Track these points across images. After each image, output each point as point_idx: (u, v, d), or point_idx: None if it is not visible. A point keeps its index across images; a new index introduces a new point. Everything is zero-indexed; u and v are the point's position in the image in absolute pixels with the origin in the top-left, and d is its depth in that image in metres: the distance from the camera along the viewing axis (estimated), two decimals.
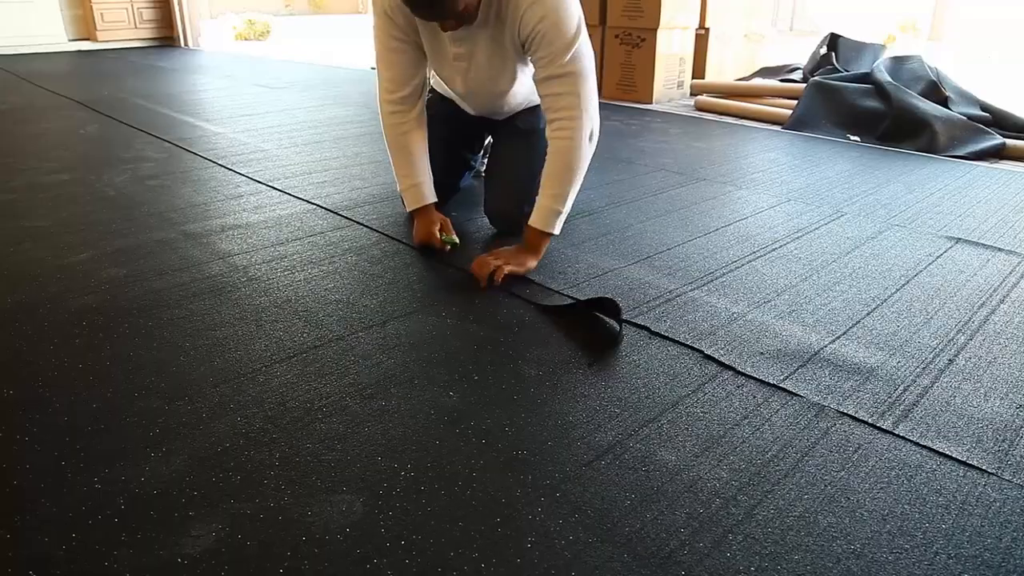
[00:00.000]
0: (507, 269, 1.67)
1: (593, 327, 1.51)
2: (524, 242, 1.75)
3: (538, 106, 2.00)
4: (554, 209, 1.70)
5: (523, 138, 1.98)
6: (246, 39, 10.01)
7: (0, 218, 2.22)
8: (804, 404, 1.23)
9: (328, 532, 0.94)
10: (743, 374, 1.32)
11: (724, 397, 1.25)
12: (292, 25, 13.16)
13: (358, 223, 2.09)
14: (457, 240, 1.85)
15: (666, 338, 1.45)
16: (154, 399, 1.23)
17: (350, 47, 8.84)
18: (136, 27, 8.55)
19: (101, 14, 8.29)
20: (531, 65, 1.75)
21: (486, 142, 2.34)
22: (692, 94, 4.53)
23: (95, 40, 8.34)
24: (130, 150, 3.12)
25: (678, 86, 4.51)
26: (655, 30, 4.22)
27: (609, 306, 1.51)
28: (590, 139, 1.67)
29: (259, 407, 1.20)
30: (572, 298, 1.61)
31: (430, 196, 1.86)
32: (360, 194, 2.37)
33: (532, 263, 1.73)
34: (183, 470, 1.06)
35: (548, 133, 1.69)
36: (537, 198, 1.72)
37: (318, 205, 2.26)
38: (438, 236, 1.83)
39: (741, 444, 1.12)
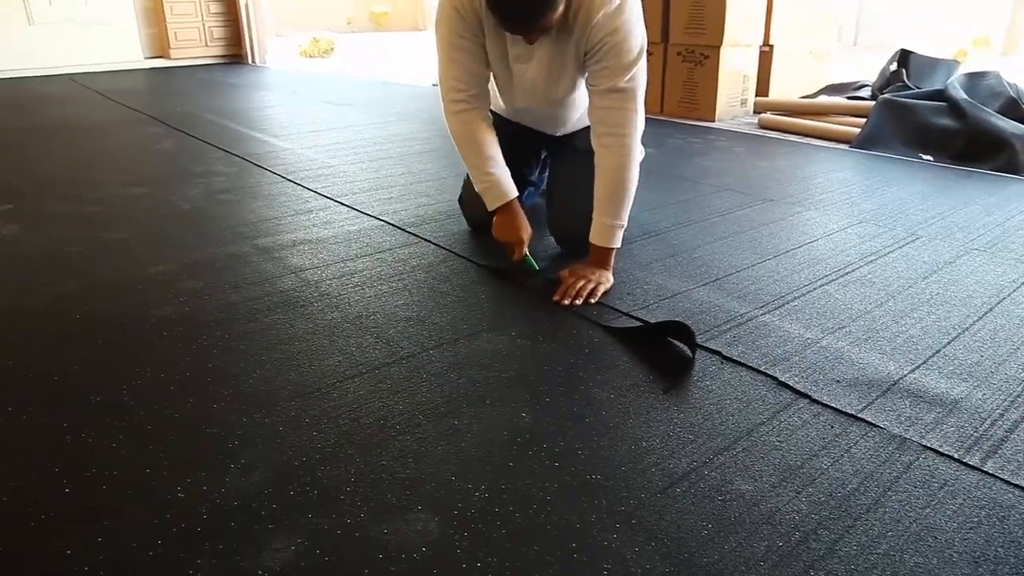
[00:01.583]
0: (600, 292, 1.71)
1: (663, 350, 1.49)
2: (592, 257, 1.77)
3: None
4: (614, 225, 1.73)
5: (583, 157, 1.98)
6: (311, 56, 10.25)
7: (84, 229, 2.31)
8: (885, 436, 1.19)
9: (404, 551, 0.94)
10: (819, 403, 1.29)
11: (800, 426, 1.23)
12: (354, 42, 13.43)
13: (425, 240, 2.12)
14: (538, 267, 1.84)
15: (738, 363, 1.43)
16: (232, 411, 1.26)
17: (410, 64, 8.98)
18: (207, 45, 8.84)
19: (175, 33, 8.59)
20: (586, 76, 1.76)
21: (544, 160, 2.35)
22: (756, 112, 4.47)
23: (168, 58, 8.65)
24: (202, 164, 3.22)
25: (741, 104, 4.46)
26: (718, 47, 4.18)
27: (681, 330, 1.49)
28: (639, 154, 1.71)
29: (333, 422, 1.22)
30: (641, 320, 1.60)
31: (511, 191, 1.82)
32: (426, 211, 2.40)
33: (609, 275, 1.77)
34: (262, 483, 1.08)
35: (596, 146, 1.71)
36: (595, 215, 1.74)
37: (385, 221, 2.29)
38: (524, 243, 1.81)
39: (820, 476, 1.10)
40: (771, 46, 4.59)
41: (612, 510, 1.02)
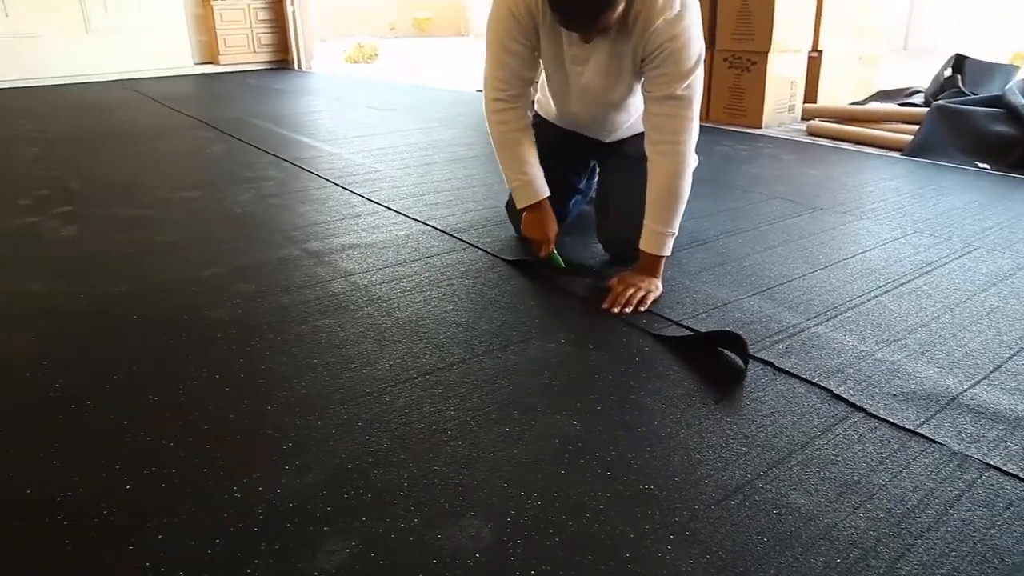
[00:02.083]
0: (649, 300, 1.71)
1: (714, 360, 1.48)
2: (641, 264, 1.77)
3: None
4: (664, 232, 1.72)
5: (633, 164, 1.97)
6: (355, 62, 10.37)
7: (139, 232, 2.37)
8: (945, 452, 1.17)
9: (458, 556, 0.95)
10: (876, 416, 1.27)
11: (856, 440, 1.20)
12: (397, 47, 13.56)
13: (473, 245, 2.13)
14: (564, 264, 1.86)
15: (791, 375, 1.41)
16: (286, 413, 1.28)
17: (453, 69, 9.04)
18: (255, 51, 9.00)
19: (224, 39, 8.77)
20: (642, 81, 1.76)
21: (594, 167, 2.34)
22: (804, 118, 4.41)
23: (218, 63, 8.83)
24: (252, 169, 3.28)
25: (789, 110, 4.40)
26: (766, 53, 4.14)
27: (733, 340, 1.47)
28: (693, 162, 1.70)
29: (386, 427, 1.23)
30: (691, 330, 1.58)
31: (543, 191, 1.87)
32: (473, 216, 2.41)
33: (659, 282, 1.77)
34: (316, 485, 1.09)
35: (650, 153, 1.71)
36: (645, 222, 1.74)
37: (433, 227, 2.31)
38: (551, 241, 1.85)
39: (878, 491, 1.07)
40: (820, 51, 4.53)
41: (666, 521, 1.01)
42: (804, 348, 1.51)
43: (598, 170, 2.22)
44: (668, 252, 1.75)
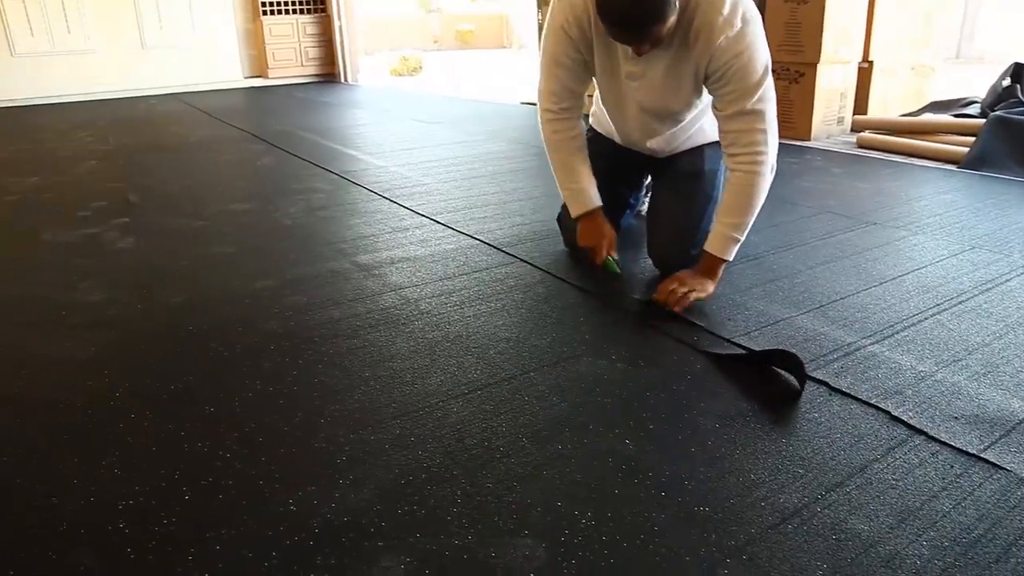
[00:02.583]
0: (692, 296, 1.72)
1: (767, 379, 1.45)
2: (701, 265, 1.77)
3: (703, 147, 1.98)
4: (732, 236, 1.72)
5: (688, 180, 1.96)
6: (400, 74, 10.49)
7: (195, 244, 2.42)
8: (1012, 479, 1.13)
9: (512, 575, 0.94)
10: (937, 440, 1.24)
11: (917, 464, 1.17)
12: (441, 60, 13.69)
13: (521, 260, 2.13)
14: (619, 270, 1.86)
15: (848, 395, 1.38)
16: (339, 427, 1.29)
17: (497, 82, 9.08)
18: (302, 65, 9.18)
19: (273, 53, 8.96)
20: (705, 95, 1.74)
21: (646, 182, 2.33)
22: (854, 130, 4.34)
23: (266, 77, 9.02)
24: (301, 181, 3.33)
25: (838, 122, 4.33)
26: (815, 65, 4.08)
27: (788, 359, 1.45)
28: (771, 171, 1.69)
29: (438, 442, 1.24)
30: (744, 348, 1.56)
31: (595, 199, 1.88)
32: (521, 230, 2.42)
33: (711, 287, 1.76)
34: (370, 500, 1.10)
35: (729, 163, 1.71)
36: (714, 224, 1.74)
37: (481, 240, 2.32)
38: (604, 251, 1.86)
39: (941, 519, 1.04)
40: (870, 62, 4.45)
41: (722, 544, 1.00)
42: (860, 368, 1.48)
43: (650, 184, 2.21)
44: (730, 257, 1.75)
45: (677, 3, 1.49)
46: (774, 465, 1.17)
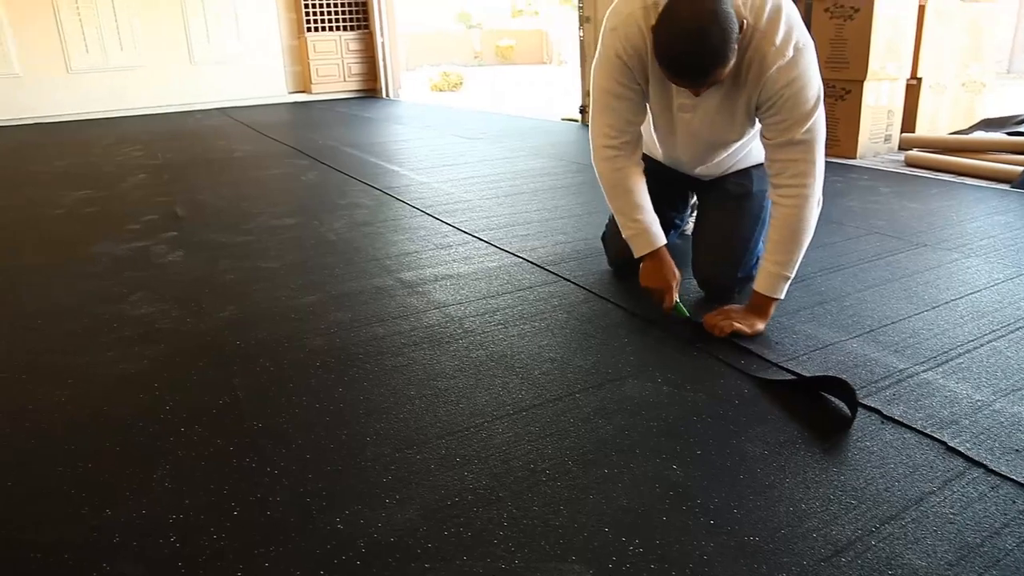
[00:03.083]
0: (735, 326, 1.68)
1: (817, 405, 1.43)
2: (750, 304, 1.74)
3: (750, 169, 1.96)
4: (781, 275, 1.68)
5: (735, 201, 1.94)
6: (441, 90, 10.60)
7: (241, 259, 2.46)
8: None
9: None
10: (997, 473, 1.20)
11: (976, 499, 1.14)
12: (481, 75, 13.79)
13: (565, 279, 2.13)
14: (688, 314, 1.79)
15: (901, 424, 1.34)
16: (385, 445, 1.30)
17: (537, 98, 9.12)
18: (345, 80, 9.33)
19: (317, 69, 9.13)
20: (757, 124, 1.72)
21: (691, 202, 2.32)
22: (901, 149, 4.27)
23: (309, 92, 9.18)
24: (345, 197, 3.37)
25: (885, 140, 4.26)
26: (861, 82, 4.03)
27: (839, 386, 1.42)
28: (817, 204, 1.65)
29: (484, 463, 1.23)
30: (793, 373, 1.54)
31: (660, 238, 1.81)
32: (564, 248, 2.42)
33: (760, 325, 1.72)
34: (416, 520, 1.10)
35: (774, 196, 1.67)
36: (761, 263, 1.70)
37: (524, 259, 2.33)
38: (673, 294, 1.78)
39: (1004, 557, 1.01)
40: (919, 78, 4.38)
41: None
42: (913, 395, 1.44)
43: (697, 205, 2.19)
44: (781, 296, 1.71)
45: (736, 44, 1.46)
46: (825, 495, 1.15)
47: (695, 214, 2.43)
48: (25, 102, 7.81)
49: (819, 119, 1.58)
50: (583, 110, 5.71)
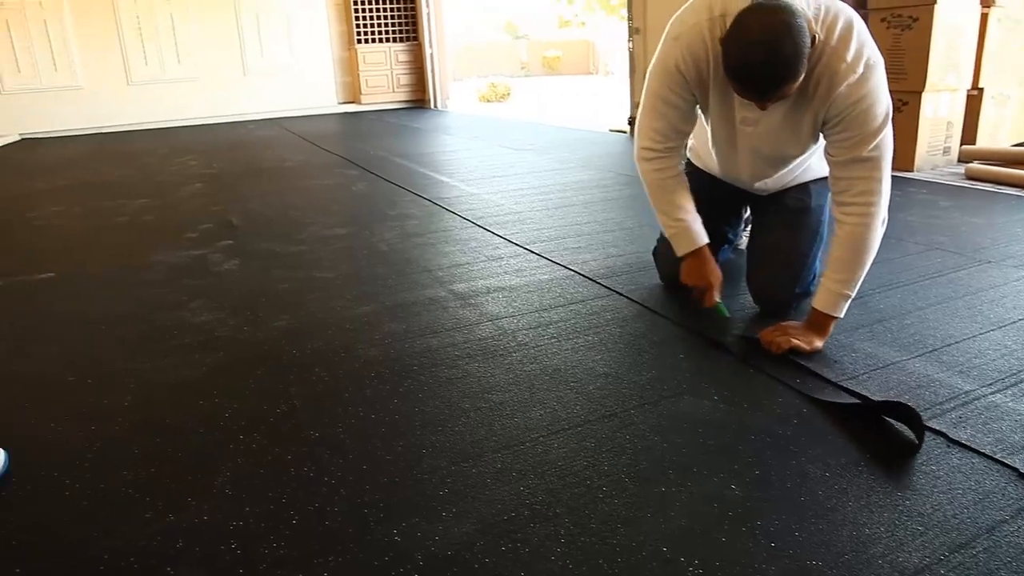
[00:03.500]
0: (793, 343, 1.65)
1: (878, 427, 1.39)
2: (809, 321, 1.71)
3: (808, 183, 1.93)
4: (842, 293, 1.65)
5: (793, 216, 1.91)
6: (489, 101, 10.66)
7: (295, 268, 2.50)
8: None
9: None
10: None
11: None
12: (528, 86, 13.84)
13: (618, 293, 2.12)
14: (729, 314, 1.81)
15: (968, 448, 1.31)
16: (441, 458, 1.31)
17: (585, 108, 9.11)
18: (394, 91, 9.45)
19: (366, 80, 9.26)
20: (819, 140, 1.69)
21: (745, 215, 2.29)
22: (961, 161, 4.16)
23: (359, 103, 9.31)
24: (396, 207, 3.41)
25: (944, 152, 4.16)
26: (920, 93, 3.94)
27: (903, 412, 1.38)
28: (882, 223, 1.61)
29: (540, 478, 1.23)
30: (853, 393, 1.50)
31: (702, 237, 1.82)
32: (616, 262, 2.41)
33: (819, 343, 1.69)
34: (473, 534, 1.10)
35: (837, 214, 1.64)
36: (822, 279, 1.67)
37: (576, 271, 2.32)
38: (715, 292, 1.79)
39: None
40: (980, 89, 4.27)
41: None
42: (981, 419, 1.40)
43: (751, 219, 2.16)
44: (841, 314, 1.68)
45: (807, 59, 1.44)
46: (891, 520, 1.12)
47: (748, 228, 2.41)
48: (88, 113, 8.08)
49: (887, 137, 1.55)
50: (632, 122, 5.69)
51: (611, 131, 6.18)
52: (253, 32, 8.62)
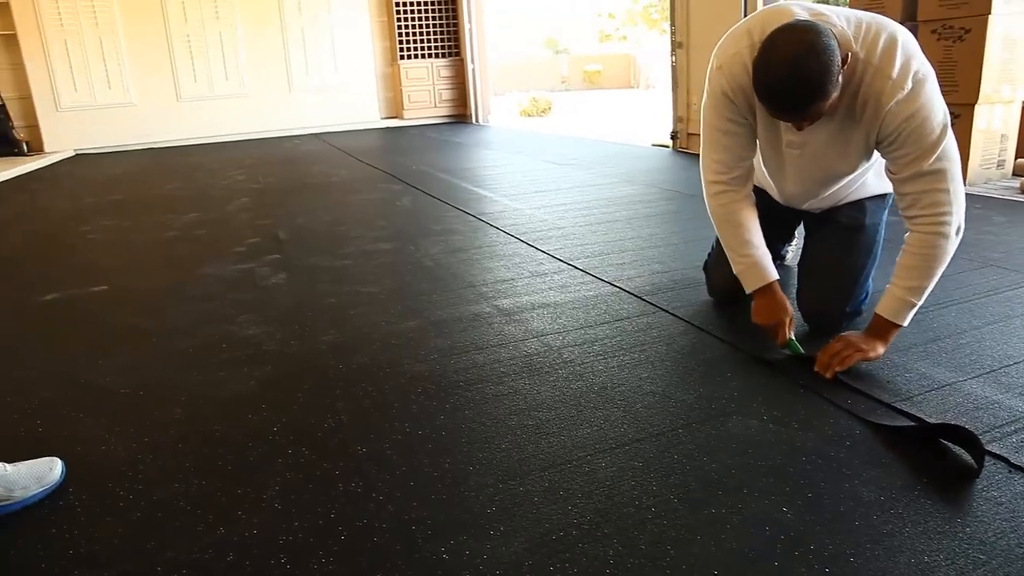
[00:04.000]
0: (857, 356, 1.62)
1: (936, 451, 1.36)
2: (870, 329, 1.67)
3: (863, 200, 1.89)
4: (908, 301, 1.61)
5: (846, 234, 1.88)
6: (530, 115, 10.70)
7: (341, 283, 2.53)
8: None
9: None
10: None
11: None
12: (569, 100, 13.87)
13: (663, 310, 2.10)
14: (803, 351, 1.73)
15: None
16: (488, 475, 1.31)
17: (626, 122, 9.09)
18: (435, 106, 9.54)
19: (408, 95, 9.38)
20: (872, 158, 1.66)
21: (797, 230, 2.26)
22: (1016, 175, 4.05)
23: (401, 118, 9.43)
24: (439, 222, 3.43)
25: (998, 166, 4.06)
26: (972, 105, 3.85)
27: (961, 435, 1.34)
28: (957, 233, 1.57)
29: (588, 498, 1.22)
30: (911, 416, 1.46)
31: (771, 272, 1.77)
32: (661, 278, 2.39)
33: (881, 349, 1.66)
34: (522, 554, 1.10)
35: (911, 225, 1.60)
36: (889, 286, 1.63)
37: (621, 288, 2.31)
38: (786, 329, 1.74)
39: None
40: None
41: None
42: None
43: (805, 235, 2.12)
44: (905, 323, 1.64)
45: (840, 77, 1.42)
46: (950, 548, 1.09)
47: (796, 243, 2.37)
48: (139, 128, 8.31)
49: (948, 146, 1.51)
50: (674, 136, 5.67)
51: (653, 145, 6.16)
52: (299, 49, 8.79)
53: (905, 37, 1.50)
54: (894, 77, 1.46)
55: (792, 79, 1.39)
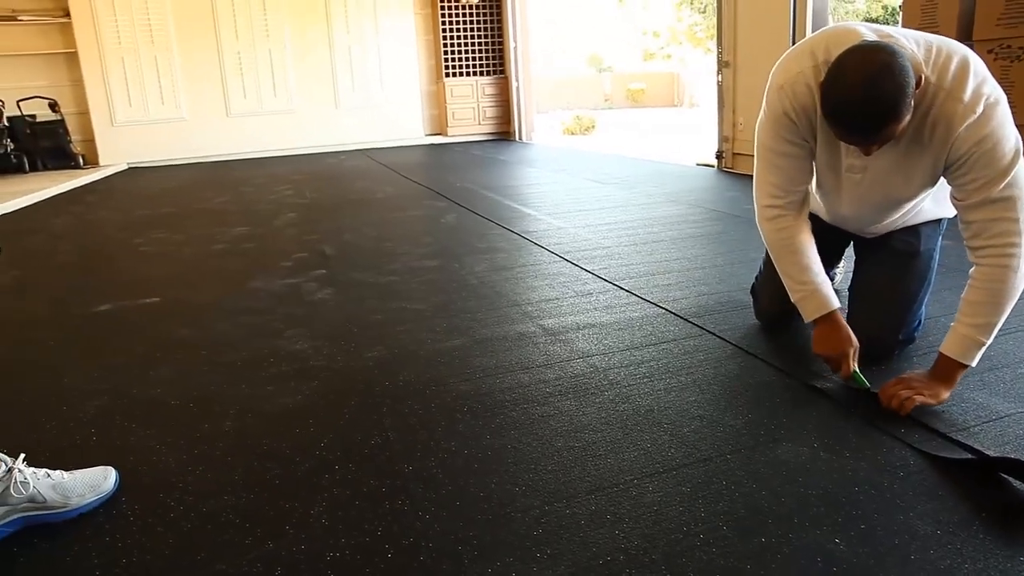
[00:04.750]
0: (918, 400, 1.55)
1: (995, 485, 1.32)
2: (935, 369, 1.60)
3: (919, 226, 1.85)
4: (977, 340, 1.53)
5: (900, 260, 1.84)
6: (573, 133, 10.73)
7: (386, 299, 2.56)
8: None
9: None
10: None
11: None
12: (612, 118, 13.87)
13: (710, 332, 2.08)
14: (868, 384, 1.66)
15: None
16: (534, 497, 1.30)
17: (671, 141, 9.06)
18: (479, 123, 9.63)
19: (453, 113, 9.48)
20: (940, 183, 1.63)
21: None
22: None
23: (445, 135, 9.53)
24: (484, 240, 3.45)
25: None
26: None
27: (1022, 468, 1.31)
28: None
29: (635, 523, 1.21)
30: (968, 448, 1.42)
31: (832, 301, 1.71)
32: (707, 300, 2.37)
33: (945, 394, 1.58)
34: None
35: (973, 258, 1.54)
36: (954, 324, 1.57)
37: (666, 309, 2.30)
38: (851, 362, 1.67)
39: None
40: None
41: None
42: None
43: (856, 259, 2.07)
44: (973, 363, 1.56)
45: (912, 100, 1.38)
46: None
47: (844, 265, 2.33)
48: (190, 143, 8.53)
49: (1020, 173, 1.45)
50: (720, 156, 5.63)
51: (698, 165, 6.12)
52: (345, 67, 8.96)
53: (976, 61, 1.46)
54: (966, 101, 1.42)
55: (866, 100, 1.35)
